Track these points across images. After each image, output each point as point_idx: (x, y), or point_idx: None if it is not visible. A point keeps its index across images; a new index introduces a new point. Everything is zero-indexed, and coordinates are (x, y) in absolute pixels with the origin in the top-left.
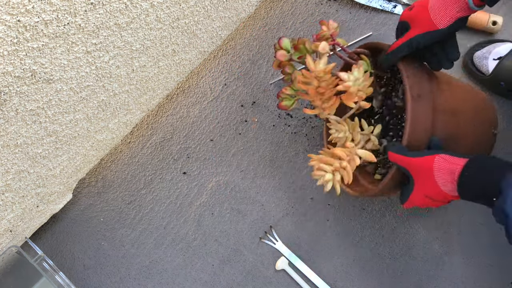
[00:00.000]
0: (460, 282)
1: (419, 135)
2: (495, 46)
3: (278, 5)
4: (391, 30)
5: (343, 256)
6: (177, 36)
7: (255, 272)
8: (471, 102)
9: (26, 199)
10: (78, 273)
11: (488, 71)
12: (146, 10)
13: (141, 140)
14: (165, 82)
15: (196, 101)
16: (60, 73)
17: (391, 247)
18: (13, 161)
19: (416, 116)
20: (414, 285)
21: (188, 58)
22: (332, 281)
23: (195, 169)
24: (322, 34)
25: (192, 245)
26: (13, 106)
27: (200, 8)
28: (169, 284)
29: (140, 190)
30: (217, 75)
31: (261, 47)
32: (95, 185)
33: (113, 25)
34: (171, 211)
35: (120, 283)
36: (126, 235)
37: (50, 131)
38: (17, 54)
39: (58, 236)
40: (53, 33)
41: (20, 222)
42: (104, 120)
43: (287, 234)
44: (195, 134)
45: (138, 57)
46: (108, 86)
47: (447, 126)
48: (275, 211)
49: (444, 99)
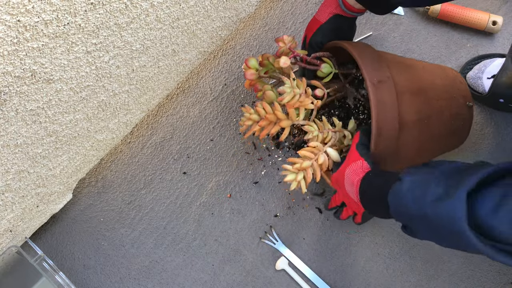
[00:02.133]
0: (460, 282)
1: (388, 121)
2: (485, 64)
3: (278, 5)
4: (391, 30)
5: (343, 256)
6: (177, 36)
7: (255, 272)
8: (439, 79)
9: (26, 199)
10: (78, 273)
11: (485, 90)
12: (146, 10)
13: (141, 140)
14: (165, 82)
15: (196, 101)
16: (60, 73)
17: (391, 247)
18: (13, 161)
19: (380, 101)
20: (414, 285)
21: (188, 58)
22: (332, 281)
23: (195, 169)
24: (280, 50)
25: (192, 245)
26: (13, 106)
27: (200, 8)
28: (169, 284)
29: (140, 190)
30: (217, 75)
31: (261, 47)
32: (95, 185)
33: (113, 25)
34: (171, 211)
35: (120, 283)
36: (126, 235)
37: (50, 131)
38: (17, 54)
39: (58, 236)
40: (53, 33)
41: (20, 222)
42: (104, 120)
43: (287, 234)
44: (195, 134)
45: (138, 57)
46: (108, 86)
47: (417, 107)
48: (275, 211)
49: (407, 80)
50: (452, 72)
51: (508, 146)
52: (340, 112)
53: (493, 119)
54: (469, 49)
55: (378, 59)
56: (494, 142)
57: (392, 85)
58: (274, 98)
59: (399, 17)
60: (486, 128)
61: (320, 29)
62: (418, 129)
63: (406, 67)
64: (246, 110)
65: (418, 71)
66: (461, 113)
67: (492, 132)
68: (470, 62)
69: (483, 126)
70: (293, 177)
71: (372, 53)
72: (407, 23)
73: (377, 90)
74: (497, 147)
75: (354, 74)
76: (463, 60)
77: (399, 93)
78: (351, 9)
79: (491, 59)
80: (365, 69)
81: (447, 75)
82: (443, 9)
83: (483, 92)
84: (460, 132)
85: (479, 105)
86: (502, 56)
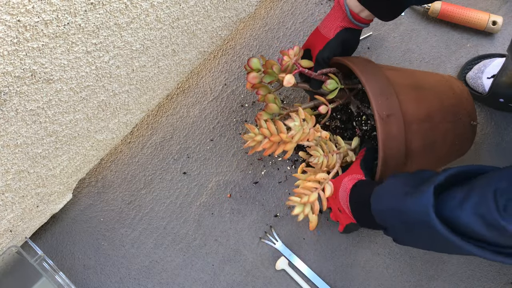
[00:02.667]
0: (460, 282)
1: (394, 153)
2: (484, 64)
3: (278, 5)
4: (391, 30)
5: (343, 256)
6: (177, 36)
7: (255, 272)
8: (446, 99)
9: (26, 199)
10: (78, 273)
11: (485, 90)
12: (146, 10)
13: (141, 140)
14: (165, 82)
15: (196, 101)
16: (60, 73)
17: (391, 247)
18: (13, 161)
19: (388, 135)
20: (414, 285)
21: (188, 58)
22: (332, 281)
23: (195, 169)
24: (285, 65)
25: (192, 245)
26: (13, 106)
27: (200, 8)
28: (169, 284)
29: (140, 190)
30: (217, 75)
31: (261, 47)
32: (95, 185)
33: (113, 25)
34: (171, 211)
35: (120, 283)
36: (126, 235)
37: (50, 131)
38: (17, 54)
39: (58, 236)
40: (53, 33)
41: (20, 222)
42: (104, 120)
43: (287, 234)
44: (195, 134)
45: (138, 57)
46: (108, 86)
47: (423, 134)
48: (275, 211)
49: (415, 108)
50: (459, 87)
51: (508, 146)
52: (342, 115)
53: (493, 119)
54: (469, 49)
55: (387, 86)
56: (494, 142)
57: (400, 117)
58: (277, 110)
59: (399, 17)
60: (486, 128)
61: (328, 45)
62: (423, 155)
63: (415, 90)
64: (250, 129)
65: (426, 93)
66: (465, 132)
67: (492, 132)
68: (470, 62)
69: (483, 126)
70: (301, 209)
71: (380, 78)
72: (407, 23)
73: (385, 124)
74: (497, 147)
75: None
76: (463, 60)
77: (407, 124)
78: (360, 20)
79: (491, 59)
80: (374, 101)
81: (454, 91)
82: (443, 9)
83: (483, 92)
84: (462, 148)
85: (479, 105)
86: (502, 56)
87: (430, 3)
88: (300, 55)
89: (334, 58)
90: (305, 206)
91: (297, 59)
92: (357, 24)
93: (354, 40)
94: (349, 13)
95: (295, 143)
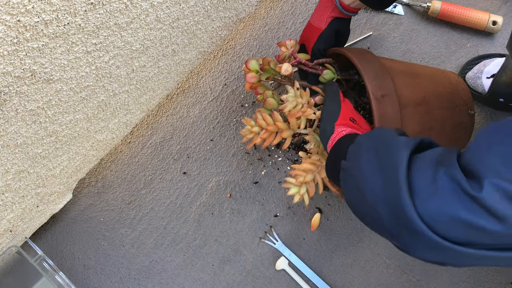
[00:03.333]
0: (460, 282)
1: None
2: (484, 64)
3: (278, 5)
4: (391, 30)
5: (343, 256)
6: (177, 36)
7: (255, 272)
8: (442, 87)
9: (26, 199)
10: (78, 273)
11: (484, 90)
12: (146, 10)
13: (141, 140)
14: (165, 82)
15: (196, 101)
16: (60, 73)
17: (391, 247)
18: (13, 161)
19: (383, 116)
20: (414, 285)
21: (188, 58)
22: (332, 281)
23: (195, 169)
24: (282, 56)
25: (192, 245)
26: (13, 106)
27: (200, 8)
28: (169, 284)
29: (140, 190)
30: (217, 75)
31: (261, 47)
32: (95, 185)
33: (113, 25)
34: (171, 211)
35: (120, 283)
36: (126, 235)
37: (50, 131)
38: (17, 54)
39: (58, 236)
40: (53, 33)
41: (20, 222)
42: (104, 120)
43: (287, 234)
44: (195, 134)
45: (138, 57)
46: (108, 86)
47: (419, 118)
48: (275, 211)
49: (410, 92)
50: (455, 78)
51: None
52: None
53: (493, 119)
54: (469, 49)
55: (381, 70)
56: None
57: (395, 98)
58: (275, 105)
59: (399, 17)
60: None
61: (322, 36)
62: None
63: (410, 77)
64: (247, 122)
65: (421, 80)
66: (463, 121)
67: None
68: (470, 62)
69: (483, 126)
70: (296, 190)
71: (376, 64)
72: (407, 23)
73: (380, 104)
74: None
75: (356, 80)
76: (463, 60)
77: (402, 106)
78: (349, 9)
79: (490, 59)
80: (369, 83)
81: (450, 81)
82: (443, 9)
83: (482, 92)
84: (461, 139)
85: (479, 105)
86: (502, 56)
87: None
88: (297, 49)
89: (331, 49)
90: (301, 187)
91: (294, 50)
92: (346, 13)
93: (345, 29)
94: (338, 3)
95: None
